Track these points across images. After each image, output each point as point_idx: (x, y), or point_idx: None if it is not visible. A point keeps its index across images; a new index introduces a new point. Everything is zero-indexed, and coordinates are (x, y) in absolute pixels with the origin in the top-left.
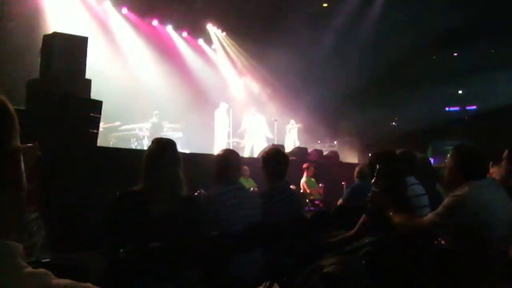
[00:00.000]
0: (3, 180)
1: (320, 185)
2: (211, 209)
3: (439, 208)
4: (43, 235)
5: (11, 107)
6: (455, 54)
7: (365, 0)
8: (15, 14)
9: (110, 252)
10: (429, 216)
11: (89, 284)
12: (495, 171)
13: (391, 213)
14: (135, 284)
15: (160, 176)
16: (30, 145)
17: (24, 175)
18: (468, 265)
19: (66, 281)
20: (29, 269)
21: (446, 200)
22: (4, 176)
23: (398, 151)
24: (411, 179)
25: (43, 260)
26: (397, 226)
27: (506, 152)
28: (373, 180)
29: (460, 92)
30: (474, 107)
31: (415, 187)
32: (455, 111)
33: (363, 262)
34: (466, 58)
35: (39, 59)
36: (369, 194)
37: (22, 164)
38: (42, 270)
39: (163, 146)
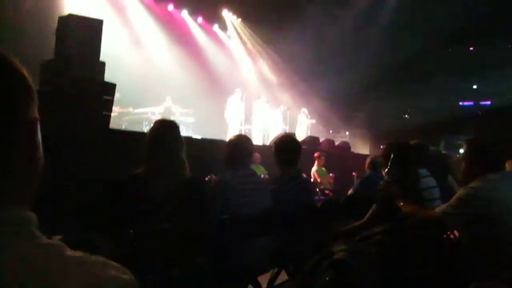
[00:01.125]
0: (17, 151)
1: (331, 174)
2: (222, 193)
3: (452, 199)
4: None
5: (30, 78)
6: (471, 49)
7: None
8: None
9: (118, 234)
10: (441, 207)
11: (102, 257)
12: (507, 167)
13: (401, 203)
14: (142, 268)
15: (162, 157)
16: None
17: (40, 147)
18: (479, 257)
19: (80, 253)
20: (44, 238)
21: (459, 192)
22: (18, 147)
23: (411, 143)
24: (423, 171)
25: (55, 237)
26: (407, 215)
27: None
28: (386, 170)
29: (474, 87)
30: (489, 102)
31: (427, 179)
32: (469, 105)
33: (373, 250)
34: (482, 53)
35: (54, 40)
36: (381, 183)
37: (39, 136)
38: (57, 240)
39: (164, 128)
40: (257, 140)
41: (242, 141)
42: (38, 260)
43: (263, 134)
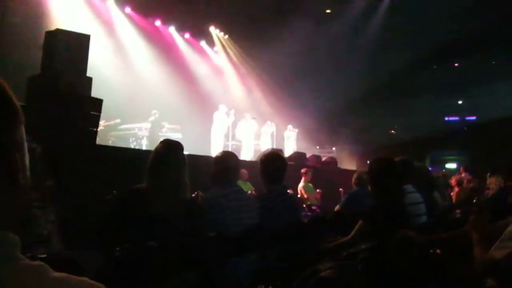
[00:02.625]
0: (3, 173)
1: (318, 190)
2: (209, 211)
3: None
4: (52, 220)
5: (14, 98)
6: (456, 64)
7: (368, 9)
8: (19, 10)
9: (106, 250)
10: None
11: (85, 278)
12: (492, 182)
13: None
14: (130, 284)
15: (164, 177)
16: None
17: (26, 169)
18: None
19: (63, 275)
20: (26, 261)
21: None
22: (4, 169)
23: (396, 159)
24: (409, 187)
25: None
26: (476, 264)
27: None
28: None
29: (460, 102)
30: (474, 117)
31: (413, 195)
32: (455, 121)
33: (360, 267)
34: (467, 68)
35: (40, 55)
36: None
37: (24, 158)
38: (39, 262)
39: (170, 148)
40: (244, 156)
41: (228, 158)
42: (21, 283)
43: (250, 150)
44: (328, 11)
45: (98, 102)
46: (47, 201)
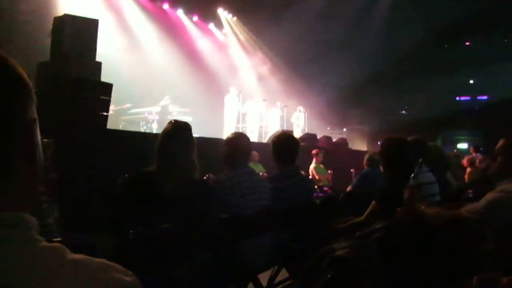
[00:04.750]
0: (16, 153)
1: (329, 171)
2: (221, 193)
3: (482, 202)
4: (55, 217)
5: (26, 77)
6: (467, 43)
7: None
8: None
9: (120, 233)
10: (468, 209)
11: (104, 260)
12: None
13: (423, 207)
14: (144, 268)
15: (173, 158)
16: (46, 141)
17: (39, 148)
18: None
19: (82, 256)
20: (44, 242)
21: (491, 195)
22: (17, 149)
23: (409, 138)
24: (422, 167)
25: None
26: (430, 218)
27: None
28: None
29: (471, 81)
30: (485, 97)
31: (426, 175)
32: (466, 100)
33: (375, 246)
34: (478, 47)
35: (49, 40)
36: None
37: (38, 137)
38: (57, 244)
39: (178, 129)
40: (254, 138)
41: (240, 139)
42: (38, 264)
43: (260, 132)
44: None
45: (108, 87)
46: (52, 195)
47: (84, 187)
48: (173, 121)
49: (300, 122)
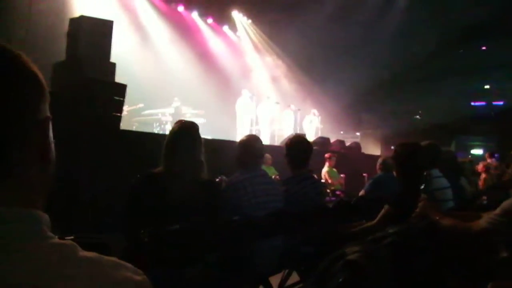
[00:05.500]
0: (29, 151)
1: (342, 175)
2: (233, 195)
3: (498, 210)
4: None
5: (40, 74)
6: (483, 48)
7: None
8: None
9: (131, 234)
10: (486, 220)
11: (115, 258)
12: None
13: (438, 217)
14: (155, 268)
15: (180, 158)
16: None
17: (52, 146)
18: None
19: (93, 254)
20: (56, 239)
21: (507, 204)
22: (30, 147)
23: (423, 143)
24: (435, 172)
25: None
26: (446, 230)
27: None
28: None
29: (486, 87)
30: (501, 102)
31: (440, 180)
32: (481, 106)
33: (387, 251)
34: (494, 52)
35: (65, 41)
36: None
37: (51, 135)
38: (68, 241)
39: (185, 128)
40: (267, 141)
41: (253, 142)
42: (50, 261)
43: (273, 135)
44: None
45: (122, 88)
46: None
47: (98, 187)
48: (179, 121)
49: (313, 126)
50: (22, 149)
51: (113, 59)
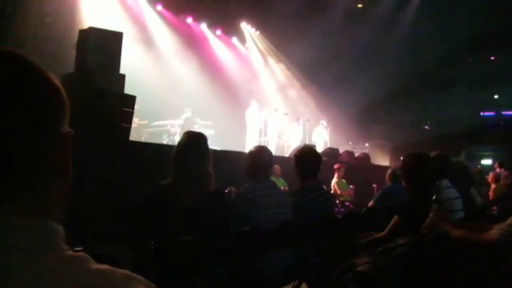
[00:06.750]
0: (50, 165)
1: (351, 186)
2: (242, 206)
3: (509, 221)
4: None
5: (62, 89)
6: (492, 58)
7: (400, 2)
8: (52, 9)
9: (140, 245)
10: (497, 231)
11: (127, 271)
12: None
13: (449, 228)
14: (164, 279)
15: (188, 169)
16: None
17: (70, 160)
18: None
19: (106, 266)
20: (70, 252)
21: None
22: (50, 160)
23: (432, 154)
24: (445, 182)
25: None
26: (457, 241)
27: None
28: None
29: (496, 96)
30: (510, 112)
31: (449, 191)
32: (490, 116)
33: (397, 262)
34: (504, 62)
35: (74, 53)
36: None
37: (71, 150)
38: (82, 253)
39: (193, 140)
40: (276, 152)
41: (262, 153)
42: (64, 273)
43: (282, 146)
44: (359, 5)
45: (131, 99)
46: None
47: (106, 198)
48: (187, 132)
49: (322, 137)
50: (42, 162)
51: (122, 70)
